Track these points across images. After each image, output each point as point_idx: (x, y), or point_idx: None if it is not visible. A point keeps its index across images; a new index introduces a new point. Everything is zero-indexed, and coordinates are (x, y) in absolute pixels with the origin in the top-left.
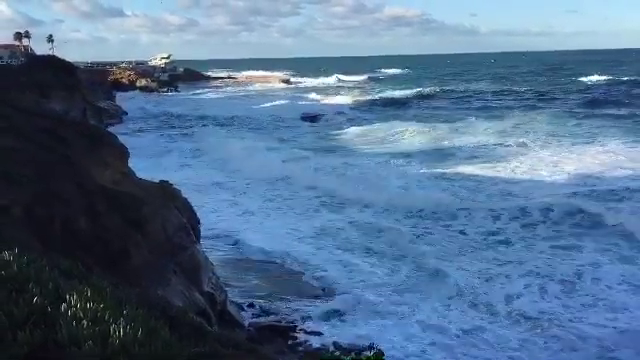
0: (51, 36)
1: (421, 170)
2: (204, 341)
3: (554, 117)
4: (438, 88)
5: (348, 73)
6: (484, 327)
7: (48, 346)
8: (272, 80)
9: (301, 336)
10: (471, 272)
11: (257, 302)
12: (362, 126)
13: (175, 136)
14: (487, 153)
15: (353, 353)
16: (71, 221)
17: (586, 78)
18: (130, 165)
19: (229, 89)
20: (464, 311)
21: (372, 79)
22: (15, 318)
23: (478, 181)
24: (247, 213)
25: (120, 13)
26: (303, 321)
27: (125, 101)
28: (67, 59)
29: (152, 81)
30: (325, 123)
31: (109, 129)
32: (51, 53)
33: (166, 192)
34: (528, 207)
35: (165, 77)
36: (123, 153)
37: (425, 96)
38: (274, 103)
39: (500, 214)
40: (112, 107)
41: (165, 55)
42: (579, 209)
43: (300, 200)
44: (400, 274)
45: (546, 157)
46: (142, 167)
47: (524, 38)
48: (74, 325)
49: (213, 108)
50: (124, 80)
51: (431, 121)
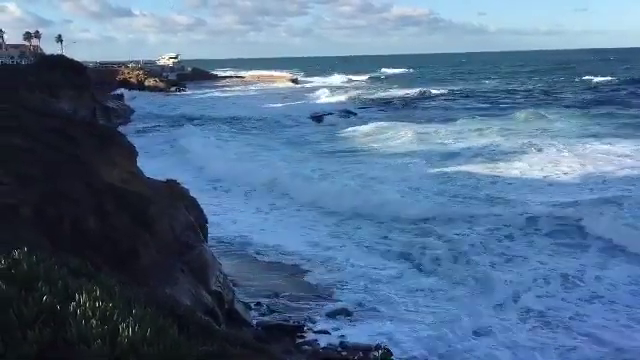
0: (60, 36)
1: (426, 171)
2: (212, 340)
3: (560, 117)
4: (442, 88)
5: (356, 72)
6: (495, 329)
7: (57, 345)
8: (280, 80)
9: (308, 335)
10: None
11: (264, 301)
12: (367, 124)
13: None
14: (489, 153)
15: (360, 352)
16: (80, 221)
17: (594, 77)
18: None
19: (237, 88)
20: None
21: (376, 79)
22: (24, 317)
23: (477, 179)
24: (258, 213)
25: (128, 13)
26: (310, 320)
27: (129, 101)
28: (76, 59)
29: (160, 81)
30: (333, 122)
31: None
32: (60, 53)
33: (174, 191)
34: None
35: (173, 77)
36: (131, 152)
37: (429, 97)
38: (282, 104)
39: (503, 219)
40: (121, 107)
41: (173, 55)
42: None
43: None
44: (410, 276)
45: (550, 158)
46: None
47: (533, 37)
48: (83, 324)
49: (220, 108)
50: (132, 80)
51: (434, 121)
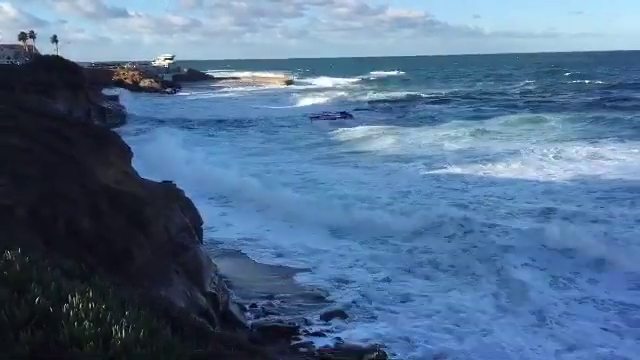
0: (55, 36)
1: (422, 172)
2: (206, 342)
3: (553, 119)
4: (432, 90)
5: (345, 75)
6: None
7: (50, 346)
8: (275, 81)
9: (304, 337)
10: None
11: (259, 303)
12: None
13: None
14: (479, 156)
15: (355, 354)
16: (75, 221)
17: (587, 80)
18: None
19: (232, 90)
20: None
21: (368, 81)
22: (17, 318)
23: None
24: (256, 213)
25: (123, 13)
26: (306, 322)
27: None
28: (71, 59)
29: (155, 81)
30: (320, 126)
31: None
32: (55, 53)
33: (169, 192)
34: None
35: (169, 78)
36: (126, 153)
37: (418, 99)
38: (275, 106)
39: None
40: (115, 107)
41: (169, 56)
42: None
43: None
44: (403, 279)
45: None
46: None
47: (528, 40)
48: (76, 326)
49: (214, 109)
50: (128, 80)
51: (425, 123)
